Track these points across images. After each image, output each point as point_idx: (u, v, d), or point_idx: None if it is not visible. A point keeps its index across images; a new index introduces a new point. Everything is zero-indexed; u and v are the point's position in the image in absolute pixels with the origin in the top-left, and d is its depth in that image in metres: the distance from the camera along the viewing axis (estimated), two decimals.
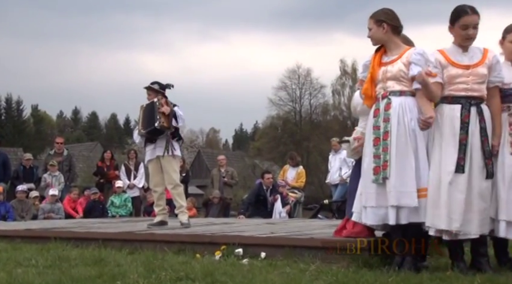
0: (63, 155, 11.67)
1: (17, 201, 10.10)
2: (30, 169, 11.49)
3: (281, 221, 8.18)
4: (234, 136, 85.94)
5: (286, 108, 41.10)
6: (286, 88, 40.65)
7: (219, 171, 12.26)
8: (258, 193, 10.32)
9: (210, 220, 8.71)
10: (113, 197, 11.17)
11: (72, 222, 8.30)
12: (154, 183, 6.51)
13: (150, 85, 6.49)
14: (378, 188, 3.99)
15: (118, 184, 11.25)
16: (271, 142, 39.81)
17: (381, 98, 4.11)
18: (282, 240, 4.69)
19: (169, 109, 6.26)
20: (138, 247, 5.16)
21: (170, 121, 6.29)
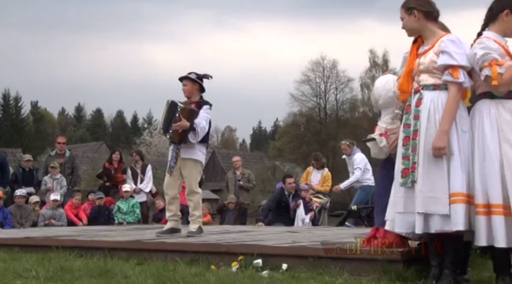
0: (65, 156, 11.78)
1: (15, 207, 10.21)
2: (29, 171, 11.60)
3: (304, 229, 8.16)
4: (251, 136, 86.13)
5: (310, 104, 41.09)
6: (310, 82, 40.63)
7: (234, 174, 12.29)
8: (279, 198, 10.31)
9: (226, 227, 8.73)
10: (120, 202, 11.26)
11: (76, 230, 8.39)
12: (166, 184, 6.51)
13: (186, 75, 6.48)
14: (406, 192, 3.97)
15: (125, 188, 11.33)
16: (293, 142, 39.78)
17: (413, 93, 4.09)
18: (305, 250, 4.68)
19: (185, 125, 6.16)
20: (147, 257, 5.19)
21: (185, 135, 6.22)
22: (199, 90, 6.53)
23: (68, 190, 11.50)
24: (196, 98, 6.49)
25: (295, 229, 7.86)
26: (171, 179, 6.44)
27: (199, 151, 6.43)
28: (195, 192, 6.41)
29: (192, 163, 6.38)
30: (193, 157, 6.38)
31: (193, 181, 6.40)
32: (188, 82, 6.47)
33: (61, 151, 11.84)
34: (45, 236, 6.60)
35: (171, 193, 6.48)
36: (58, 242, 5.96)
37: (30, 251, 5.84)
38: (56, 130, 73.53)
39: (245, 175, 12.32)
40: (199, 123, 6.24)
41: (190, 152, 6.36)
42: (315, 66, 40.50)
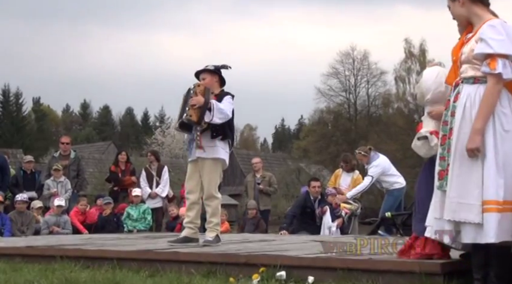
0: (69, 157, 11.88)
1: (16, 213, 10.31)
2: (31, 174, 11.72)
3: (332, 238, 8.13)
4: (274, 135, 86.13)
5: (338, 100, 40.90)
6: (338, 76, 40.46)
7: (254, 177, 12.29)
8: (304, 204, 10.28)
9: (246, 236, 8.74)
10: (130, 208, 11.33)
11: (82, 238, 8.46)
12: (188, 188, 6.50)
13: (204, 68, 6.50)
14: (442, 196, 3.94)
15: (135, 192, 11.39)
16: (320, 142, 39.63)
17: (453, 86, 4.05)
18: (333, 261, 4.66)
19: (200, 100, 6.13)
20: (159, 269, 5.21)
21: (202, 114, 6.17)
22: (219, 83, 6.52)
23: (73, 195, 11.60)
24: (217, 91, 6.48)
25: (321, 238, 7.82)
26: (192, 183, 6.41)
27: (221, 148, 6.35)
28: (214, 197, 6.37)
29: (211, 164, 6.31)
30: (213, 155, 6.31)
31: (213, 184, 6.35)
32: (207, 75, 6.46)
33: (65, 152, 11.94)
34: (48, 245, 6.67)
35: (192, 198, 6.43)
36: (62, 252, 6.00)
37: (33, 262, 5.90)
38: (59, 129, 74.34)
39: (266, 178, 12.30)
40: (216, 103, 6.19)
41: (209, 151, 6.30)
42: (344, 58, 40.31)
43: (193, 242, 6.39)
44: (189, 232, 6.45)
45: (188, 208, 6.49)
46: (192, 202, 6.44)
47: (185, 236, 6.41)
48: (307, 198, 10.32)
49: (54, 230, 10.32)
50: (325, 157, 38.67)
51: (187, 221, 6.46)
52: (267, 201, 12.22)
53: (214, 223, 6.37)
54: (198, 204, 6.46)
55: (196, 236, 6.47)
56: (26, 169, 11.76)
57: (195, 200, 6.43)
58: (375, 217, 10.78)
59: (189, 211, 6.47)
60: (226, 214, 12.04)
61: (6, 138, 55.94)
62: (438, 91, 4.43)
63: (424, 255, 4.34)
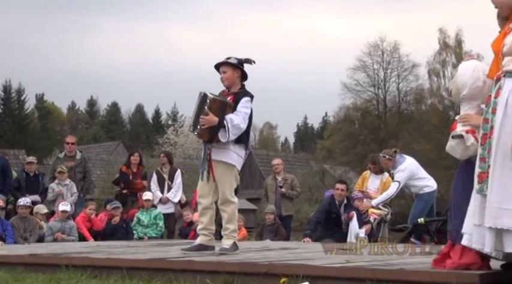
0: (75, 159, 11.97)
1: (18, 218, 10.40)
2: (34, 177, 11.83)
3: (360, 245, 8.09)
4: (296, 134, 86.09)
5: (366, 95, 40.69)
6: (366, 69, 40.24)
7: (275, 180, 12.29)
8: (329, 209, 10.26)
9: (266, 243, 8.74)
10: (140, 213, 11.38)
11: (89, 246, 8.52)
12: (200, 191, 6.51)
13: (225, 60, 6.46)
14: (483, 201, 3.91)
15: (146, 196, 11.44)
16: (346, 141, 39.49)
17: (495, 80, 4.01)
18: (362, 271, 4.64)
19: (213, 121, 6.09)
20: (172, 279, 5.22)
21: (214, 134, 6.17)
22: (240, 78, 6.50)
23: (79, 199, 11.67)
24: (237, 88, 6.44)
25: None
26: (205, 185, 6.41)
27: (234, 153, 6.36)
28: (229, 201, 6.37)
29: (224, 167, 6.34)
30: (226, 160, 6.34)
31: (227, 187, 6.36)
32: (228, 69, 6.41)
33: (71, 153, 12.02)
34: (53, 254, 6.71)
35: (205, 202, 6.43)
36: (68, 261, 6.04)
37: (36, 271, 5.93)
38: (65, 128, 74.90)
39: (288, 181, 12.30)
40: (231, 119, 6.17)
41: (222, 154, 6.31)
42: (373, 50, 40.06)
43: (208, 250, 6.40)
44: (204, 239, 6.46)
45: (201, 213, 6.49)
46: (205, 207, 6.44)
47: (200, 244, 6.42)
48: (332, 202, 10.30)
49: (59, 237, 10.37)
50: (352, 158, 38.51)
51: (201, 227, 6.47)
52: (289, 206, 12.22)
53: (231, 230, 6.36)
54: (211, 209, 6.47)
55: (211, 244, 6.48)
56: (29, 171, 11.87)
57: (207, 205, 6.44)
58: (406, 223, 10.72)
59: (202, 216, 6.48)
60: (243, 220, 12.04)
61: (8, 138, 56.31)
62: (475, 87, 4.38)
63: (461, 265, 4.31)
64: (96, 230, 11.20)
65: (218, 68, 6.49)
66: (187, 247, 6.45)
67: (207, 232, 6.47)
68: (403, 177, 10.10)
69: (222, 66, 6.45)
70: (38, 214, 10.83)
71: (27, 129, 60.98)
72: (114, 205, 11.41)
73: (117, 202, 11.58)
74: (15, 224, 10.29)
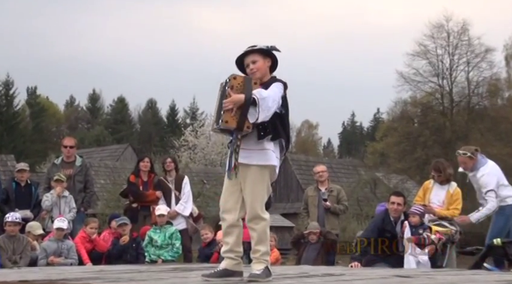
0: (74, 165, 12.05)
1: (6, 237, 10.47)
2: (26, 187, 11.91)
3: (420, 272, 8.04)
4: (341, 134, 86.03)
5: (428, 87, 40.45)
6: (428, 55, 39.99)
7: (318, 191, 12.25)
8: (382, 226, 10.19)
9: (305, 268, 8.71)
10: (153, 231, 11.43)
11: (91, 270, 8.56)
12: (224, 206, 6.46)
13: (253, 48, 6.39)
14: None
15: (160, 210, 11.48)
16: (403, 144, 39.30)
17: None
18: None
19: (238, 99, 6.02)
20: None
21: (243, 116, 6.04)
22: (269, 68, 6.46)
23: (79, 214, 11.75)
24: (266, 78, 6.43)
25: (406, 273, 7.75)
26: (230, 198, 6.37)
27: (271, 151, 6.27)
28: (259, 217, 6.32)
29: (257, 173, 6.24)
30: (261, 161, 6.24)
31: (258, 200, 6.29)
32: (258, 57, 6.36)
33: (69, 159, 12.11)
34: (48, 280, 6.74)
35: (230, 219, 6.38)
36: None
37: None
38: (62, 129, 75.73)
39: (333, 192, 12.27)
40: (261, 94, 6.06)
41: (253, 155, 6.22)
42: (436, 31, 39.78)
43: (235, 276, 6.36)
44: (230, 263, 6.41)
45: (225, 232, 6.43)
46: (230, 225, 6.38)
47: (225, 269, 6.40)
48: (386, 218, 10.22)
49: (53, 261, 10.43)
50: (410, 165, 38.28)
51: (226, 250, 6.43)
52: (334, 223, 12.19)
53: (261, 252, 6.33)
54: (237, 227, 6.39)
55: (239, 269, 6.44)
56: (20, 180, 11.93)
57: (233, 222, 6.37)
58: (479, 244, 10.61)
59: (227, 236, 6.42)
60: (276, 239, 12.04)
61: None
62: None
63: None
64: (99, 252, 11.25)
65: (241, 61, 6.47)
66: (209, 273, 6.42)
67: (234, 254, 6.42)
68: (493, 183, 10.03)
69: (249, 55, 6.41)
70: (30, 234, 10.89)
71: (16, 129, 61.51)
72: (120, 222, 11.38)
73: (125, 218, 11.60)
74: (2, 244, 10.35)
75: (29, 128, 65.46)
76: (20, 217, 10.66)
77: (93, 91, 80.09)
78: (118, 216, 12.05)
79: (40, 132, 67.07)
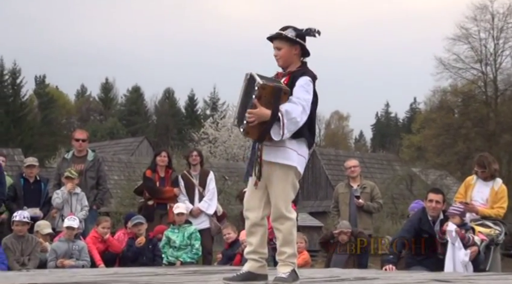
0: (86, 160, 12.11)
1: (13, 238, 10.56)
2: (35, 183, 11.98)
3: (462, 277, 8.01)
4: (374, 126, 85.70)
5: (470, 75, 40.20)
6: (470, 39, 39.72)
7: (349, 187, 12.27)
8: (419, 226, 10.16)
9: (335, 272, 8.71)
10: (171, 231, 11.48)
11: (104, 273, 8.61)
12: (247, 203, 6.49)
13: (279, 32, 6.41)
14: None
15: (178, 209, 11.52)
16: (442, 136, 39.09)
17: None
18: None
19: (263, 115, 6.02)
20: None
21: (265, 131, 6.10)
22: (299, 55, 6.46)
23: (92, 212, 11.81)
24: (295, 67, 6.42)
25: (446, 277, 7.73)
26: (254, 195, 6.41)
27: (293, 150, 6.32)
28: (285, 217, 6.35)
29: (281, 171, 6.33)
30: (281, 160, 6.29)
31: (283, 199, 6.32)
32: (283, 44, 6.36)
33: (80, 153, 12.17)
34: (59, 283, 6.80)
35: (253, 217, 6.42)
36: None
37: None
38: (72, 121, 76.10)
39: (366, 189, 12.27)
40: (287, 111, 6.09)
41: (275, 152, 6.27)
42: (479, 13, 39.45)
43: (259, 280, 6.39)
44: (254, 265, 6.43)
45: (249, 232, 6.46)
46: (254, 224, 6.42)
47: (248, 272, 6.42)
48: (424, 218, 10.18)
49: (63, 263, 10.46)
50: (450, 159, 38.09)
51: (250, 250, 6.45)
52: (367, 222, 12.19)
53: (288, 254, 6.35)
54: (261, 226, 6.44)
55: (263, 272, 6.46)
56: (28, 176, 11.98)
57: (256, 220, 6.41)
58: None
59: (251, 236, 6.45)
60: (306, 241, 12.03)
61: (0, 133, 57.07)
62: None
63: None
64: (112, 253, 11.31)
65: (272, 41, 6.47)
66: (231, 276, 6.45)
67: (258, 256, 6.44)
68: None
69: (275, 40, 6.42)
70: (39, 233, 10.96)
71: (24, 121, 61.72)
72: (135, 221, 11.38)
73: (140, 217, 11.61)
74: (10, 245, 10.43)
75: (37, 120, 65.74)
76: (28, 216, 10.74)
77: (105, 80, 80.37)
78: (134, 215, 12.06)
79: (49, 124, 67.37)
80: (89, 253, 10.87)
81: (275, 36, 6.40)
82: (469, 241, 9.77)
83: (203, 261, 11.93)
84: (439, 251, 9.96)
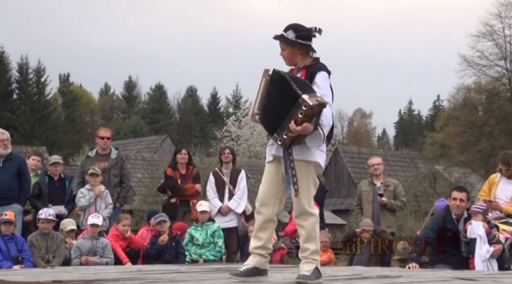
0: (110, 158, 12.16)
1: (39, 235, 10.63)
2: (59, 181, 12.03)
3: (485, 275, 7.96)
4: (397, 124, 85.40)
5: (494, 72, 39.99)
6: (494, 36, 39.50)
7: (372, 185, 12.25)
8: (443, 224, 10.11)
9: (358, 270, 8.68)
10: (194, 229, 11.51)
11: (128, 270, 8.63)
12: (262, 198, 6.49)
13: (281, 34, 6.37)
14: None
15: (202, 206, 11.55)
16: (466, 134, 38.92)
17: None
18: None
19: (309, 130, 6.02)
20: None
21: (299, 142, 6.12)
22: (304, 53, 6.44)
23: (116, 210, 11.86)
24: (308, 61, 6.42)
25: (470, 275, 7.69)
26: (269, 190, 6.43)
27: (312, 147, 6.31)
28: (308, 213, 6.34)
29: (302, 168, 6.30)
30: (305, 157, 6.29)
31: (305, 196, 6.33)
32: (285, 46, 6.42)
33: (104, 151, 12.24)
34: (83, 280, 6.82)
35: (267, 213, 6.44)
36: None
37: None
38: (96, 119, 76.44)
39: (390, 187, 12.25)
40: (324, 120, 6.11)
41: (299, 150, 6.27)
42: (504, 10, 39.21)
43: (263, 275, 6.46)
44: (260, 261, 6.47)
45: (260, 227, 6.47)
46: (267, 219, 6.45)
47: (254, 267, 6.44)
48: (447, 216, 10.13)
49: (87, 260, 10.52)
50: (474, 157, 37.92)
51: (259, 246, 6.47)
52: (390, 220, 12.17)
53: (311, 251, 6.33)
54: (273, 223, 6.51)
55: (266, 267, 6.53)
56: (53, 174, 12.04)
57: (270, 216, 6.45)
58: None
59: (262, 231, 6.47)
60: (330, 238, 12.00)
61: (25, 132, 57.49)
62: None
63: None
64: (135, 250, 11.35)
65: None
66: (239, 271, 6.44)
67: (265, 252, 6.49)
68: None
69: (279, 41, 6.46)
70: (63, 231, 11.02)
71: (48, 119, 62.04)
72: (159, 219, 11.40)
73: (163, 215, 11.64)
74: (35, 242, 10.51)
75: (61, 118, 66.04)
76: (53, 213, 10.81)
77: (129, 79, 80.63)
78: (157, 213, 12.10)
79: (73, 123, 67.66)
80: (112, 251, 10.92)
81: (277, 37, 6.44)
82: (494, 238, 9.73)
83: (227, 260, 11.91)
84: (463, 250, 9.94)
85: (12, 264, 9.97)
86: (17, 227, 10.67)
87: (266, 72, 6.29)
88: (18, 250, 10.23)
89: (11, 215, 10.41)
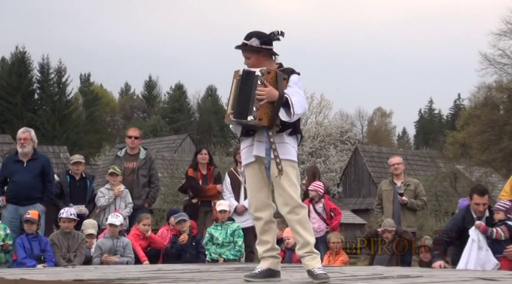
0: (138, 158, 12.18)
1: (60, 234, 10.70)
2: (81, 180, 12.07)
3: (507, 275, 7.94)
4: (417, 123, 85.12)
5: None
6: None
7: (393, 185, 12.21)
8: (463, 224, 10.08)
9: (379, 269, 8.67)
10: (214, 228, 11.52)
11: (149, 269, 8.66)
12: (256, 203, 6.58)
13: (244, 42, 6.47)
14: None
15: (221, 206, 11.57)
16: (487, 133, 38.69)
17: None
18: None
19: (273, 94, 6.18)
20: None
21: (275, 114, 6.23)
22: (268, 58, 6.52)
23: (142, 210, 11.87)
24: (272, 67, 6.48)
25: (491, 275, 7.66)
26: (261, 195, 6.54)
27: (293, 146, 6.49)
28: (301, 206, 6.49)
29: (288, 167, 6.41)
30: (288, 156, 6.43)
31: (294, 191, 6.45)
32: (250, 54, 6.50)
33: (133, 151, 12.25)
34: (104, 279, 6.84)
35: (266, 216, 6.55)
36: None
37: None
38: (116, 118, 76.64)
39: (410, 186, 12.20)
40: (292, 93, 6.26)
41: (281, 149, 6.38)
42: None
43: (277, 276, 6.52)
44: (273, 262, 6.55)
45: (262, 230, 6.59)
46: (267, 222, 6.57)
47: (268, 269, 6.51)
48: (467, 216, 10.10)
49: (107, 259, 10.57)
50: (495, 156, 37.69)
51: (268, 248, 6.56)
52: (411, 220, 12.13)
53: (312, 244, 6.43)
54: (274, 223, 6.64)
55: (279, 268, 6.60)
56: (74, 173, 12.07)
57: (269, 218, 6.57)
58: None
59: (266, 234, 6.58)
60: (342, 240, 11.99)
61: (46, 131, 57.72)
62: None
63: None
64: (156, 250, 11.39)
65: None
66: (253, 273, 6.50)
67: (276, 252, 6.60)
68: None
69: (243, 51, 6.53)
70: (83, 232, 11.04)
71: (69, 119, 62.30)
72: (179, 218, 11.44)
73: (183, 214, 11.69)
74: (57, 241, 10.58)
75: (82, 118, 66.32)
76: (75, 212, 10.86)
77: (149, 78, 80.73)
78: (177, 212, 12.16)
79: (94, 122, 67.91)
80: (133, 250, 10.97)
81: (241, 47, 6.52)
82: (492, 234, 9.69)
83: (246, 259, 11.93)
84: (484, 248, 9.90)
85: (36, 263, 10.04)
86: (41, 228, 10.74)
87: (236, 73, 6.46)
88: (41, 249, 10.31)
89: (34, 214, 10.50)
